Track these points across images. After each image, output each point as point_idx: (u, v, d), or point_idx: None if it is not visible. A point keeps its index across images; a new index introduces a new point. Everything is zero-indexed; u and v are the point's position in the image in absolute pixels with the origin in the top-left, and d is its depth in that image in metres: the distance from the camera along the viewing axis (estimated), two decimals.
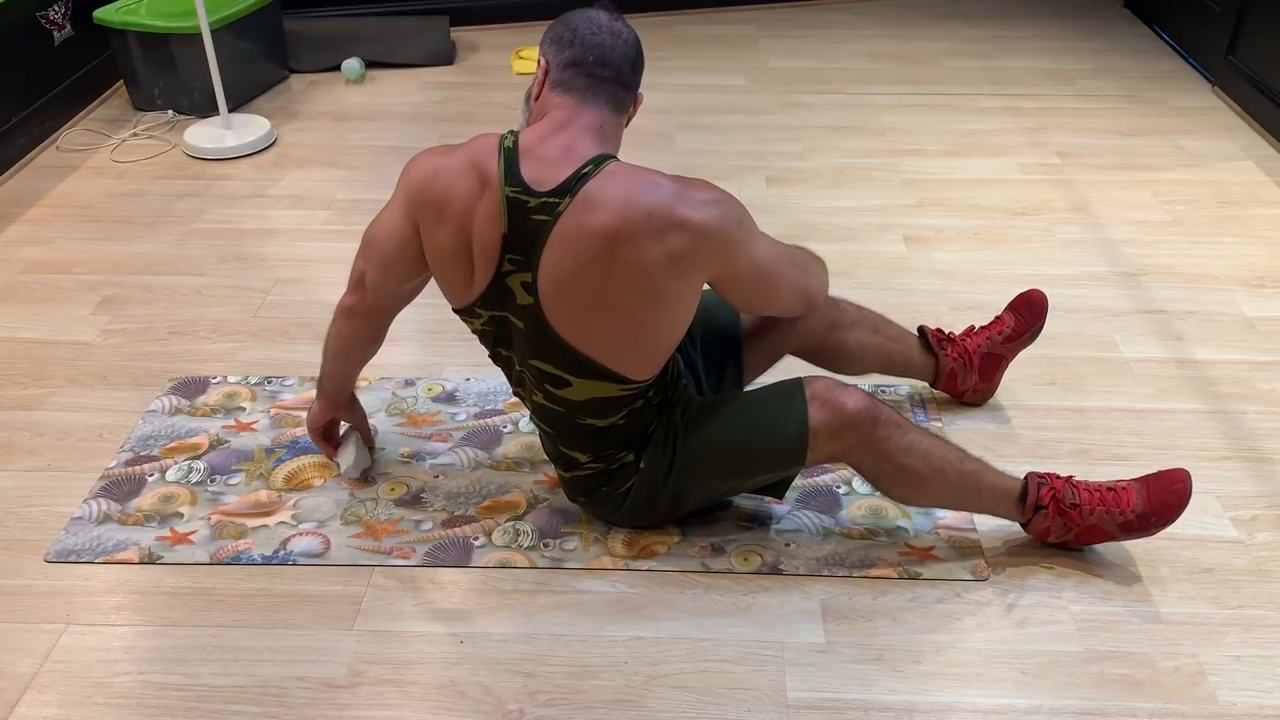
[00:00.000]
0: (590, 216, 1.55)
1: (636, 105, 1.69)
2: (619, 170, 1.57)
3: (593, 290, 1.59)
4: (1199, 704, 1.63)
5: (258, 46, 3.84)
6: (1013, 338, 2.19)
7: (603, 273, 1.57)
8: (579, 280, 1.58)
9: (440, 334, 2.51)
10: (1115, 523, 1.78)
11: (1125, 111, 3.69)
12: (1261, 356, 2.42)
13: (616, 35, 1.63)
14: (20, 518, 1.99)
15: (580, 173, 1.56)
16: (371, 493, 2.04)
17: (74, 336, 2.52)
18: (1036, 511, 1.80)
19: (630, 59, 1.65)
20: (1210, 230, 2.94)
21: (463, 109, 3.76)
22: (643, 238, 1.54)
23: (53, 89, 3.54)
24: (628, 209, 1.54)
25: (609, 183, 1.55)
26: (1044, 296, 2.20)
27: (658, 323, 1.65)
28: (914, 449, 1.76)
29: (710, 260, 1.60)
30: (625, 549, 1.90)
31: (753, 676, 1.67)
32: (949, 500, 1.86)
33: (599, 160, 1.58)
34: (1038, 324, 2.19)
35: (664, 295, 1.61)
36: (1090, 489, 1.80)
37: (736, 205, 1.62)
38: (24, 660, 1.71)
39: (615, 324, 1.63)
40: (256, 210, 3.09)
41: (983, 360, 2.19)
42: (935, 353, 2.17)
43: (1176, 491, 1.76)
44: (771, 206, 3.07)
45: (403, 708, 1.63)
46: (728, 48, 4.31)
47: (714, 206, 1.58)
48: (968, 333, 2.23)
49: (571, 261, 1.57)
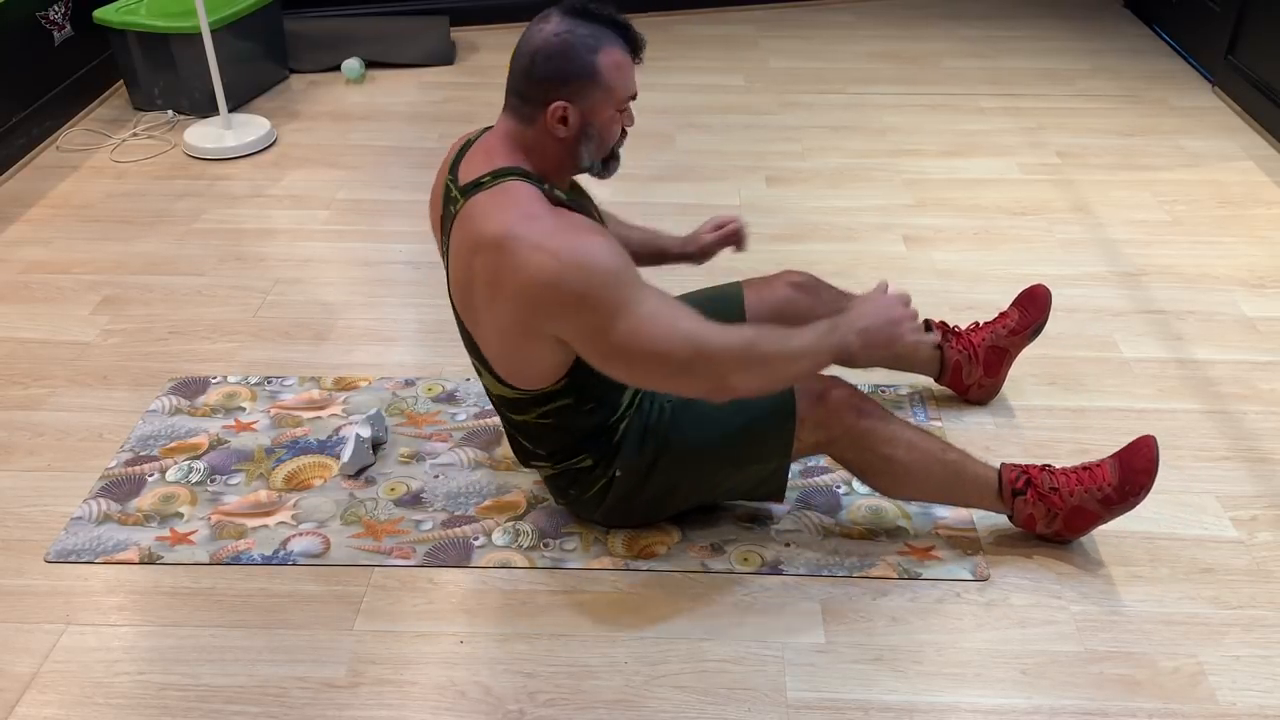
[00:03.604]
0: (468, 224, 1.58)
1: (552, 116, 1.54)
2: (508, 190, 1.56)
3: (471, 291, 1.63)
4: (1199, 704, 1.63)
5: (258, 46, 3.84)
6: (1016, 331, 2.20)
7: (472, 279, 1.61)
8: (464, 276, 1.63)
9: (440, 334, 2.51)
10: (1096, 499, 1.80)
11: (1125, 111, 3.69)
12: (1261, 356, 2.42)
13: (526, 39, 1.56)
14: (20, 518, 1.99)
15: (479, 180, 1.59)
16: (371, 493, 2.04)
17: (74, 336, 2.52)
18: (1016, 497, 1.82)
19: (523, 66, 1.55)
20: (1210, 230, 2.94)
21: (463, 109, 3.76)
22: (489, 263, 1.55)
23: (53, 89, 3.54)
24: (484, 229, 1.54)
25: (491, 199, 1.56)
26: (1047, 291, 2.21)
27: (517, 348, 1.64)
28: (897, 439, 1.79)
29: (537, 311, 1.55)
30: (625, 549, 1.90)
31: (753, 676, 1.67)
32: (933, 492, 1.87)
33: (502, 173, 1.58)
34: (1041, 317, 2.19)
35: (515, 327, 1.60)
36: (1066, 472, 1.83)
37: (590, 274, 1.50)
38: (24, 660, 1.71)
39: (488, 331, 1.66)
40: (256, 210, 3.09)
41: (987, 353, 2.19)
42: (940, 345, 2.18)
43: (1145, 457, 1.79)
44: (771, 206, 3.07)
45: (403, 708, 1.63)
46: (728, 48, 4.31)
47: (551, 262, 1.49)
48: (972, 328, 2.24)
49: (459, 258, 1.63)
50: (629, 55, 1.58)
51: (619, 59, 1.56)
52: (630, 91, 1.60)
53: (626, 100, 1.60)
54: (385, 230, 2.98)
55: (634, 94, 1.61)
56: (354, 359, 2.43)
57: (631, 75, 1.59)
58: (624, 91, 1.59)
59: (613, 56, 1.55)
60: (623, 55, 1.57)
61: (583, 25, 1.54)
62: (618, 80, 1.56)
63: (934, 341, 2.15)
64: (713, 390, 1.60)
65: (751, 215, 3.02)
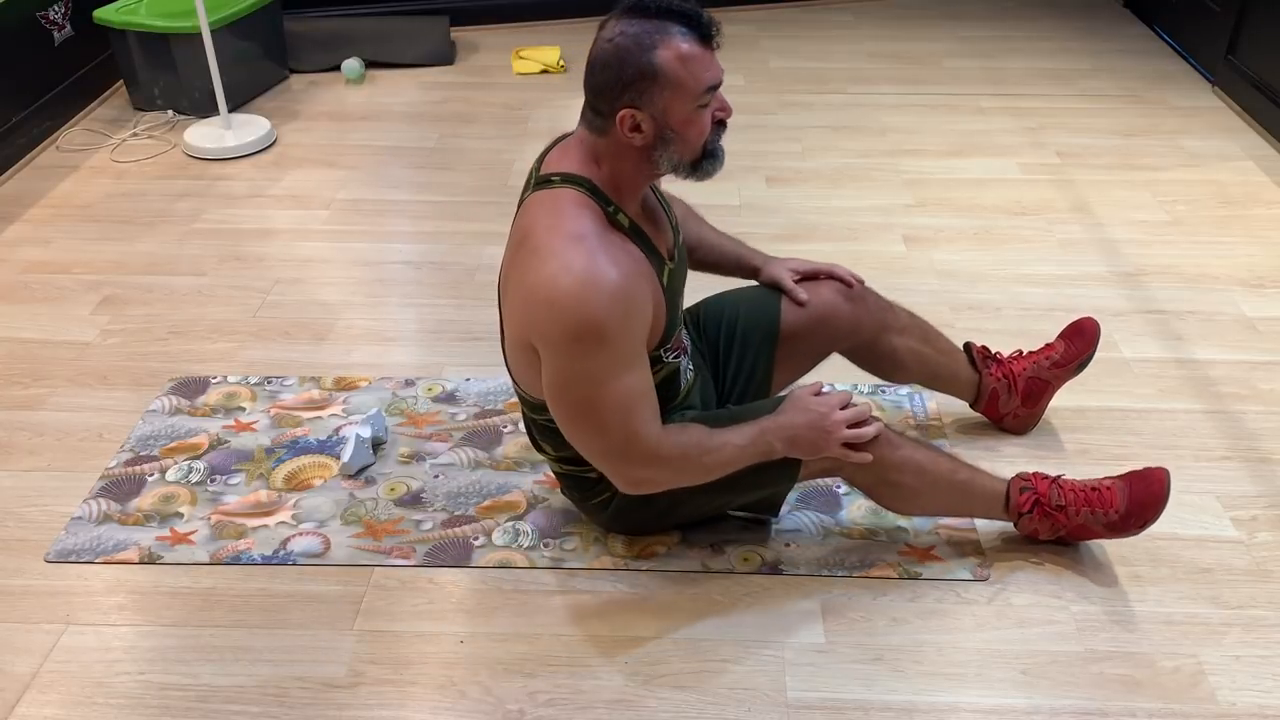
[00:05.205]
0: (525, 215, 1.57)
1: (623, 125, 1.48)
2: (569, 200, 1.53)
3: (508, 278, 1.60)
4: (1199, 704, 1.63)
5: (258, 46, 3.84)
6: (1061, 364, 2.11)
7: (510, 268, 1.59)
8: (508, 260, 1.61)
9: (440, 334, 2.51)
10: (1101, 523, 1.79)
11: (1125, 111, 3.69)
12: (1261, 356, 2.42)
13: (596, 46, 1.49)
14: (20, 518, 1.99)
15: (549, 177, 1.56)
16: (371, 493, 2.04)
17: (74, 336, 2.52)
18: (1021, 516, 1.82)
19: (588, 79, 1.49)
20: (1210, 230, 2.94)
21: (463, 109, 3.76)
22: (521, 261, 1.53)
23: (53, 89, 3.54)
24: (532, 228, 1.53)
25: (551, 202, 1.54)
26: (1096, 325, 2.13)
27: (523, 351, 1.61)
28: (906, 465, 1.75)
29: (528, 324, 1.54)
30: (625, 549, 1.89)
31: (753, 676, 1.67)
32: (942, 509, 1.87)
33: (570, 179, 1.54)
34: (1089, 352, 2.11)
35: (515, 330, 1.60)
36: (1076, 489, 1.81)
37: (586, 325, 1.46)
38: (24, 660, 1.71)
39: (507, 324, 1.64)
40: (256, 210, 3.09)
41: (1027, 384, 2.11)
42: (979, 370, 2.11)
43: (1154, 493, 1.76)
44: (771, 206, 3.07)
45: (402, 708, 1.63)
46: (728, 48, 4.25)
47: (562, 287, 1.45)
48: (1015, 356, 2.15)
49: (511, 241, 1.61)
50: (698, 43, 1.46)
51: (684, 50, 1.44)
52: (707, 82, 1.47)
53: (705, 92, 1.48)
54: (385, 230, 2.98)
55: (715, 83, 1.49)
56: (354, 359, 2.43)
57: (706, 63, 1.47)
58: (697, 84, 1.46)
59: (675, 49, 1.44)
60: (689, 45, 1.45)
61: (639, 23, 1.45)
62: (686, 74, 1.45)
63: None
64: (627, 483, 1.65)
65: (751, 215, 3.02)
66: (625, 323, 1.50)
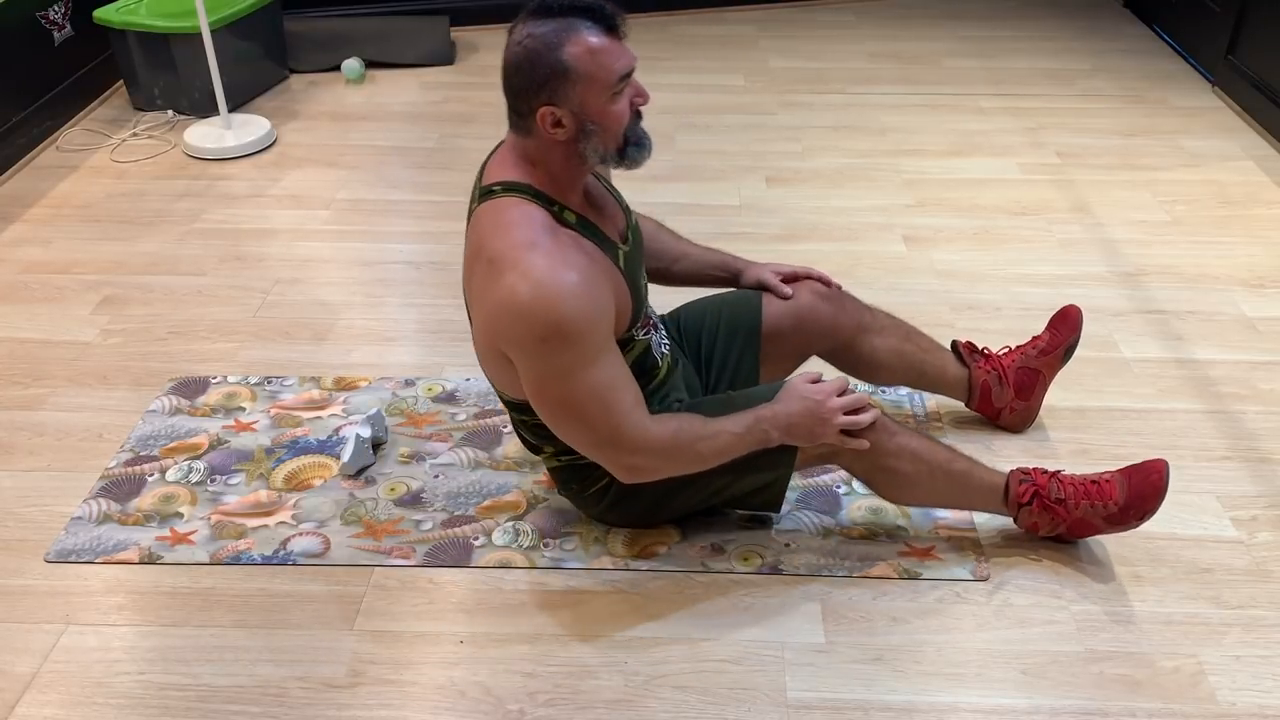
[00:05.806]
0: (476, 229, 1.60)
1: (544, 123, 1.52)
2: (514, 209, 1.55)
3: (470, 291, 1.64)
4: (1199, 704, 1.63)
5: (258, 46, 3.84)
6: (1047, 351, 2.12)
7: (471, 281, 1.62)
8: (468, 274, 1.64)
9: (440, 334, 2.51)
10: (1100, 515, 1.79)
11: (1125, 111, 3.69)
12: (1261, 356, 2.42)
13: (508, 50, 1.54)
14: (20, 518, 1.99)
15: (491, 187, 1.59)
16: (371, 493, 2.04)
17: (74, 336, 2.52)
18: (1020, 508, 1.82)
19: (504, 82, 1.54)
20: (1210, 230, 2.94)
21: (462, 109, 3.76)
22: (481, 273, 1.56)
23: (53, 89, 3.54)
24: (487, 241, 1.55)
25: (498, 213, 1.56)
26: (1078, 310, 2.15)
27: (495, 358, 1.64)
28: (903, 452, 1.76)
29: (498, 334, 1.58)
30: (625, 549, 1.89)
31: (753, 676, 1.67)
32: (939, 499, 1.87)
33: (511, 186, 1.57)
34: (1072, 337, 2.13)
35: (485, 340, 1.63)
36: (1075, 483, 1.81)
37: (554, 324, 1.50)
38: (24, 660, 1.71)
39: (476, 333, 1.67)
40: (256, 210, 3.09)
41: (1018, 375, 2.12)
42: (968, 365, 2.12)
43: (1153, 484, 1.77)
44: (771, 206, 3.07)
45: (403, 708, 1.63)
46: (728, 48, 4.31)
47: (524, 295, 1.49)
48: (1004, 351, 2.16)
49: (468, 256, 1.63)
50: (604, 35, 1.49)
51: (592, 44, 1.48)
52: (618, 71, 1.50)
53: (618, 81, 1.51)
54: (385, 230, 2.98)
55: (626, 72, 1.51)
56: (354, 359, 2.43)
57: (616, 53, 1.50)
58: (608, 75, 1.50)
59: (583, 44, 1.48)
60: (596, 38, 1.48)
61: (545, 23, 1.49)
62: (596, 65, 1.48)
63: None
64: (624, 471, 1.67)
65: (751, 215, 3.02)
66: (588, 318, 1.53)
